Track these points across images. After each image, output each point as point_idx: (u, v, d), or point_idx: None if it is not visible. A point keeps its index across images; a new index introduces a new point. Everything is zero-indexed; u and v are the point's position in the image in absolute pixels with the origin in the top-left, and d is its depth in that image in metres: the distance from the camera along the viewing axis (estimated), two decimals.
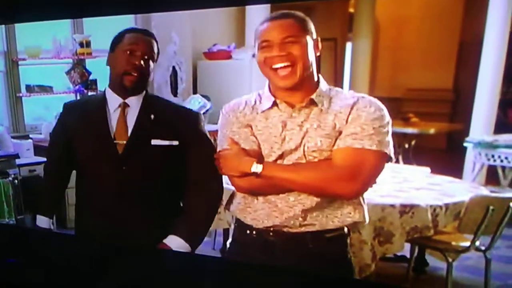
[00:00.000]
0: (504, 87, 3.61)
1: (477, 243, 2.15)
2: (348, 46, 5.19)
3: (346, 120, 1.23)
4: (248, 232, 1.35)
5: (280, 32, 1.23)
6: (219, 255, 2.56)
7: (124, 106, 1.47)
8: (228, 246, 1.47)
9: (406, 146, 4.36)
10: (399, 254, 2.46)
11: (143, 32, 1.47)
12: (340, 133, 1.24)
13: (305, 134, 1.26)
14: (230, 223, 2.20)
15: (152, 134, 1.45)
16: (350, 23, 5.14)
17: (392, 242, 2.06)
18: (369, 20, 5.01)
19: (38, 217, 1.57)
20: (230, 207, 1.41)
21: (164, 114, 1.49)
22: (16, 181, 2.85)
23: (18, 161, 2.95)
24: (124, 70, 1.42)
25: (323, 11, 4.75)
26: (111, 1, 1.75)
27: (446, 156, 4.41)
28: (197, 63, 4.12)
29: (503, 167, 3.50)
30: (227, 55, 4.01)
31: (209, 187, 1.47)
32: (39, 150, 3.22)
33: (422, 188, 2.38)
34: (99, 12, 1.90)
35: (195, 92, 3.98)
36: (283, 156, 1.28)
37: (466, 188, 2.42)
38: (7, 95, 3.45)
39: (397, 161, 1.28)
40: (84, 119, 1.50)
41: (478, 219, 2.08)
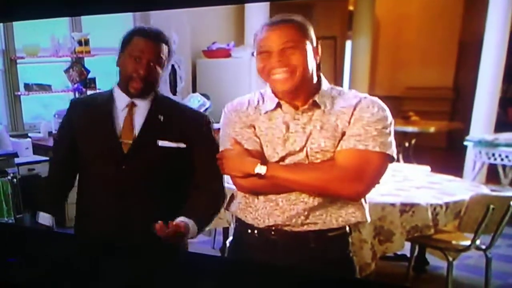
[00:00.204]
0: (504, 86, 3.61)
1: (477, 242, 2.14)
2: (348, 44, 5.18)
3: (349, 121, 1.22)
4: (249, 231, 1.34)
5: (279, 40, 1.21)
6: (219, 254, 2.55)
7: (131, 106, 1.46)
8: (228, 245, 1.46)
9: (406, 144, 4.36)
10: (399, 253, 2.46)
11: (152, 37, 1.42)
12: (343, 134, 1.23)
13: (308, 136, 1.25)
14: (230, 222, 2.19)
15: (160, 135, 1.44)
16: (350, 21, 5.13)
17: (392, 241, 2.06)
18: (369, 18, 5.00)
19: (39, 214, 1.56)
20: (230, 207, 1.40)
21: (173, 116, 1.48)
22: (15, 180, 2.84)
23: (17, 160, 2.94)
24: (130, 77, 1.42)
25: (322, 9, 4.75)
26: None
27: (446, 154, 4.41)
28: (196, 61, 4.11)
29: (504, 166, 3.50)
30: (226, 54, 4.00)
31: (214, 188, 1.46)
32: (37, 149, 3.21)
33: (422, 187, 2.37)
34: (98, 10, 1.89)
35: (194, 90, 3.97)
36: (286, 157, 1.27)
37: (466, 187, 2.42)
38: (5, 93, 3.44)
39: (397, 159, 1.27)
40: (90, 116, 1.50)
41: (479, 218, 2.08)
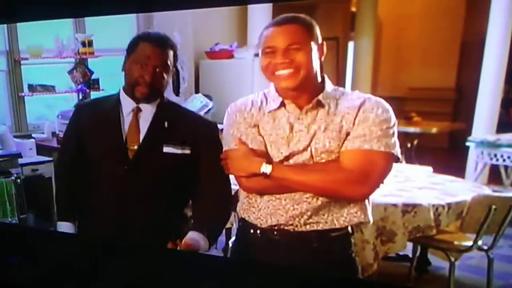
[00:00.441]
0: (506, 86, 3.60)
1: (479, 242, 2.14)
2: (350, 45, 5.18)
3: (353, 122, 1.23)
4: (252, 231, 1.35)
5: (284, 39, 1.22)
6: (221, 255, 2.56)
7: (137, 111, 1.46)
8: (231, 245, 1.47)
9: (409, 145, 4.36)
10: (401, 253, 2.46)
11: (157, 43, 1.42)
12: (347, 134, 1.23)
13: (313, 135, 1.25)
14: (233, 222, 2.20)
15: (165, 141, 1.44)
16: (352, 22, 5.13)
17: (394, 242, 2.06)
18: (371, 19, 5.00)
19: (59, 224, 1.54)
20: (233, 207, 1.41)
21: (179, 122, 1.47)
22: (18, 180, 2.85)
23: (20, 160, 2.95)
24: (136, 82, 1.41)
25: (325, 10, 4.76)
26: (113, 0, 1.75)
27: (448, 155, 4.40)
28: (199, 62, 4.12)
29: (506, 167, 3.49)
30: (229, 55, 4.01)
31: (222, 195, 1.47)
32: (41, 149, 3.23)
33: (424, 188, 2.37)
34: (101, 11, 1.90)
35: (197, 91, 3.98)
36: (290, 157, 1.27)
37: (468, 187, 2.42)
38: (9, 94, 3.46)
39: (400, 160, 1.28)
40: (97, 120, 1.49)
41: (481, 218, 2.08)
